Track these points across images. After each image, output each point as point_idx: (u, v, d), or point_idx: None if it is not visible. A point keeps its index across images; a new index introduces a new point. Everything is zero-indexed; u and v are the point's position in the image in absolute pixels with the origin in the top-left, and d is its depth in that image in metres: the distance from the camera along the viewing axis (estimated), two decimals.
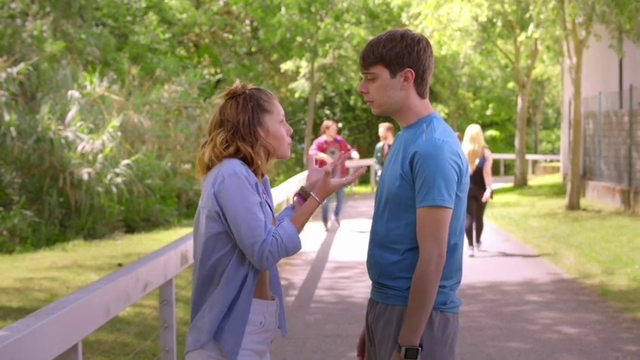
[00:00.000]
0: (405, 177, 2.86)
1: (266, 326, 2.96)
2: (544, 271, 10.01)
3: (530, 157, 34.25)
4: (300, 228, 2.92)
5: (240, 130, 2.93)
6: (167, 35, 29.22)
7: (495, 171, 37.89)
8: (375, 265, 2.97)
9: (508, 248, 12.13)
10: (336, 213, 14.78)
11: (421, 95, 2.94)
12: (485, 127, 42.29)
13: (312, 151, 13.67)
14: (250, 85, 3.03)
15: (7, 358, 2.62)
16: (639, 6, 14.99)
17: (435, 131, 2.88)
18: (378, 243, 2.96)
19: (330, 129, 13.80)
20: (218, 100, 3.03)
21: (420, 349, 2.82)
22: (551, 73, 34.46)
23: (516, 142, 25.76)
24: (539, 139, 45.61)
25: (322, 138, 13.87)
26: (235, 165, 2.88)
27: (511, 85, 34.42)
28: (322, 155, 13.27)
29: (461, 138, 14.25)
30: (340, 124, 36.54)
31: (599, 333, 6.87)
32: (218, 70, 31.43)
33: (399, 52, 2.88)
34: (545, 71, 33.94)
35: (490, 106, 38.54)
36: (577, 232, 13.33)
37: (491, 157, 10.85)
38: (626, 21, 15.11)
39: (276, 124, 2.99)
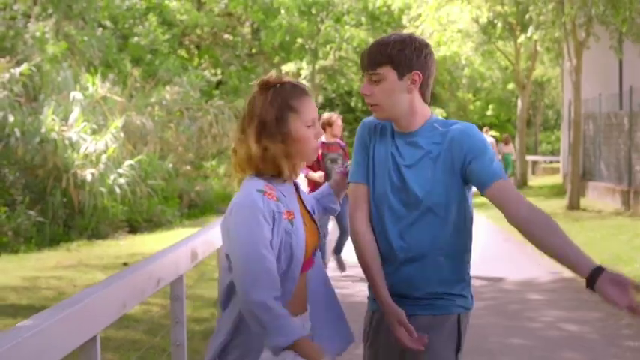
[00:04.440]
0: (456, 171, 2.80)
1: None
2: (545, 270, 10.08)
3: (529, 158, 34.35)
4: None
5: (267, 129, 2.66)
6: (167, 36, 29.28)
7: None
8: (424, 278, 2.87)
9: (509, 248, 12.21)
10: (337, 250, 9.93)
11: (424, 100, 2.86)
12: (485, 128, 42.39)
13: (303, 170, 9.66)
14: (287, 78, 2.74)
15: (31, 347, 2.70)
16: (633, 7, 15.04)
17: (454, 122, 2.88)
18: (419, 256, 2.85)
19: (334, 126, 9.93)
20: (254, 85, 2.74)
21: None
22: (551, 74, 34.55)
23: (516, 143, 25.85)
24: (539, 140, 45.69)
25: (321, 139, 9.73)
26: (252, 190, 2.61)
27: (511, 86, 34.53)
28: (313, 175, 9.57)
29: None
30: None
31: (601, 330, 6.96)
32: (218, 72, 31.51)
33: (409, 55, 2.77)
34: (545, 73, 34.04)
35: (490, 107, 38.66)
36: (577, 231, 13.40)
37: None
38: (622, 23, 15.17)
39: (303, 127, 2.68)
